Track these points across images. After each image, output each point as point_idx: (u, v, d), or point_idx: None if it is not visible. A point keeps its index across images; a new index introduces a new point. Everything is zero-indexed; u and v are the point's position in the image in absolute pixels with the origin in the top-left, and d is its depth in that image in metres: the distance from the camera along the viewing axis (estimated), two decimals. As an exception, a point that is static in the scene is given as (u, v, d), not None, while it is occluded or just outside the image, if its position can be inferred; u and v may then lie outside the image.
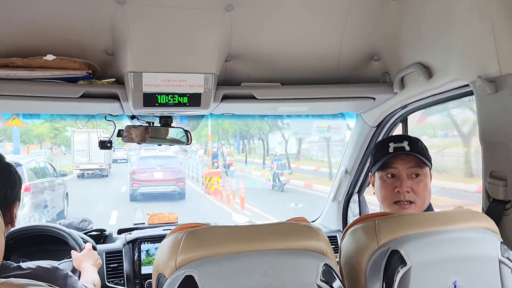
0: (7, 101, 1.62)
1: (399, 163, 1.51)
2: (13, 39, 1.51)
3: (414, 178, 1.51)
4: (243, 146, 29.90)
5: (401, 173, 1.51)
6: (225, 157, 21.72)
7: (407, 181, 1.50)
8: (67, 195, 11.11)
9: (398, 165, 1.51)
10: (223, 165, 20.54)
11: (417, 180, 1.51)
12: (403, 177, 1.50)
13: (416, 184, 1.50)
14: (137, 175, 13.92)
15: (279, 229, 1.07)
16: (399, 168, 1.51)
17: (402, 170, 1.51)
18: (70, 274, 1.46)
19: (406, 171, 1.50)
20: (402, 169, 1.51)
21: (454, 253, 1.12)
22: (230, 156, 21.40)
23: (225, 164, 20.48)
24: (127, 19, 1.45)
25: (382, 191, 1.55)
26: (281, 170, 15.75)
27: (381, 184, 1.56)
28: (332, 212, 2.69)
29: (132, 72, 1.58)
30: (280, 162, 16.31)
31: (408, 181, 1.50)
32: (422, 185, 1.50)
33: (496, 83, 1.28)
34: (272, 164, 16.99)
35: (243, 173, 20.73)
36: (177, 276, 0.95)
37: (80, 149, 18.50)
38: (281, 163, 16.42)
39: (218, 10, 1.48)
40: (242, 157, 27.80)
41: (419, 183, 1.50)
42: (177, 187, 14.03)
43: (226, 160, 20.93)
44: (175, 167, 14.78)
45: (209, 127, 21.40)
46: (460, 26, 1.36)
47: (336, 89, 1.84)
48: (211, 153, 21.29)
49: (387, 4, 1.57)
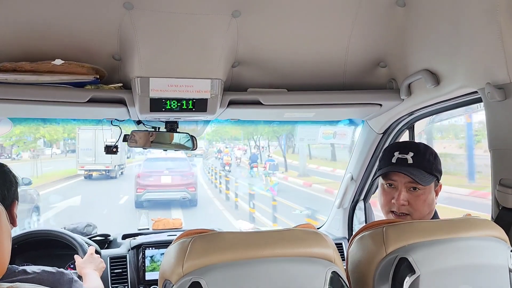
0: (15, 105, 1.62)
1: (399, 176, 1.50)
2: (22, 44, 1.52)
3: (412, 191, 1.49)
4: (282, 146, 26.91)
5: (399, 186, 1.50)
6: (222, 156, 21.13)
7: (405, 194, 1.48)
8: (37, 208, 8.73)
9: (397, 178, 1.50)
10: (220, 164, 19.57)
11: (416, 193, 1.48)
12: (400, 190, 1.49)
13: (414, 198, 1.48)
14: (142, 179, 12.49)
15: (287, 235, 1.06)
16: (398, 180, 1.50)
17: (401, 183, 1.49)
18: (76, 278, 1.46)
19: (405, 185, 1.49)
20: (400, 182, 1.50)
21: (463, 262, 1.11)
22: (227, 156, 20.93)
23: (222, 164, 19.68)
24: (134, 24, 1.46)
25: (381, 198, 1.57)
26: (272, 171, 15.86)
27: (381, 191, 1.57)
28: (338, 219, 2.67)
29: (139, 77, 1.59)
30: (272, 162, 16.56)
31: (406, 193, 1.48)
32: (420, 199, 1.48)
33: (505, 90, 1.27)
34: (265, 165, 17.22)
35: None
36: (184, 283, 0.94)
37: (86, 148, 16.89)
38: (274, 163, 16.60)
39: (225, 16, 1.48)
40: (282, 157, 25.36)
41: (418, 197, 1.48)
42: (187, 193, 12.51)
43: (223, 160, 20.13)
44: (185, 171, 13.23)
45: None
46: (468, 32, 1.36)
47: (342, 95, 1.83)
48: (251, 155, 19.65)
49: (394, 11, 1.57)
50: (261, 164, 19.21)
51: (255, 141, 27.05)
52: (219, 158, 23.82)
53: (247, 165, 19.77)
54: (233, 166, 20.51)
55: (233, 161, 21.25)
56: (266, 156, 23.01)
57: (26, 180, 8.67)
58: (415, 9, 1.53)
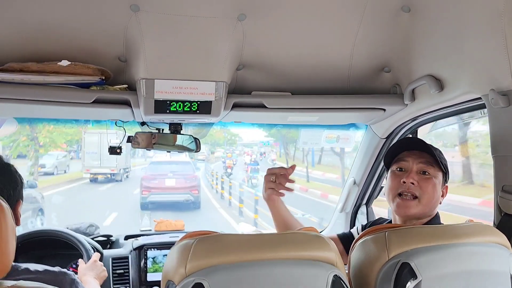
0: (20, 105, 1.64)
1: (411, 157, 1.51)
2: (28, 44, 1.54)
3: (423, 175, 1.49)
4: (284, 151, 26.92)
5: (411, 166, 1.50)
6: (225, 160, 21.86)
7: (415, 175, 1.48)
8: (41, 211, 8.70)
9: (409, 158, 1.51)
10: (223, 167, 20.22)
11: (426, 177, 1.49)
12: (412, 169, 1.49)
13: (424, 180, 1.48)
14: (147, 182, 12.86)
15: (290, 238, 1.06)
16: (410, 161, 1.51)
17: (413, 164, 1.50)
18: (77, 280, 1.46)
19: (417, 166, 1.49)
20: (412, 162, 1.50)
21: (465, 267, 1.11)
22: (229, 160, 21.52)
23: (224, 167, 20.32)
24: (140, 26, 1.47)
25: (389, 183, 1.55)
26: (252, 174, 16.94)
27: (390, 177, 1.56)
28: (340, 223, 2.67)
29: (144, 79, 1.60)
30: (254, 166, 17.73)
31: (417, 175, 1.49)
32: (430, 183, 1.48)
33: (509, 96, 1.27)
34: (247, 168, 18.41)
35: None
36: (187, 284, 0.95)
37: (91, 152, 16.91)
38: (255, 167, 17.59)
39: (231, 19, 1.49)
40: (283, 163, 24.99)
41: (428, 181, 1.48)
42: (190, 195, 12.84)
43: (226, 163, 20.90)
44: (188, 174, 13.62)
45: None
46: (472, 38, 1.36)
47: (346, 99, 1.84)
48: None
49: (399, 16, 1.57)
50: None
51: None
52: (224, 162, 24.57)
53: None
54: (240, 172, 20.76)
55: (242, 167, 21.67)
56: (269, 161, 23.10)
57: (32, 183, 8.81)
58: (420, 15, 1.53)
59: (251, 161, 20.26)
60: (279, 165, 1.81)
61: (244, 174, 18.89)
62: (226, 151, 28.43)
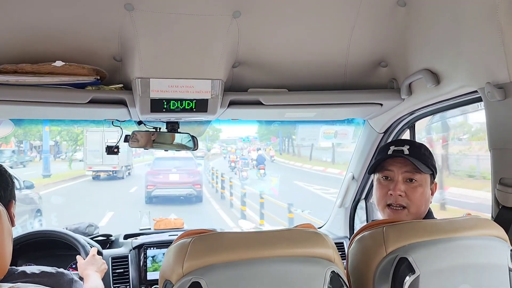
0: (16, 106, 1.63)
1: (395, 166, 1.48)
2: (23, 45, 1.53)
3: (409, 183, 1.47)
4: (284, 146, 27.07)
5: (396, 176, 1.48)
6: (229, 155, 23.35)
7: (401, 185, 1.46)
8: (39, 212, 8.57)
9: (394, 168, 1.48)
10: (228, 161, 21.43)
11: (413, 185, 1.47)
12: (397, 180, 1.47)
13: (411, 190, 1.46)
14: (152, 177, 13.46)
15: (287, 236, 1.06)
16: (395, 170, 1.48)
17: (398, 174, 1.48)
18: (76, 279, 1.46)
19: (402, 175, 1.47)
20: (397, 172, 1.48)
21: (463, 261, 1.11)
22: (233, 155, 22.68)
23: (229, 161, 21.61)
24: (135, 25, 1.46)
25: (377, 193, 1.54)
26: (242, 167, 19.41)
27: (377, 186, 1.54)
28: (339, 218, 2.67)
29: (139, 78, 1.59)
30: (244, 160, 20.09)
31: (403, 185, 1.47)
32: (418, 191, 1.46)
33: (505, 89, 1.27)
34: (238, 162, 20.86)
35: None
36: (184, 283, 0.95)
37: (94, 150, 17.16)
38: (246, 161, 19.99)
39: (226, 17, 1.48)
40: (285, 159, 24.99)
41: (415, 189, 1.46)
42: (193, 189, 13.45)
43: (230, 158, 22.25)
44: (191, 169, 14.19)
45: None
46: (468, 32, 1.35)
47: (343, 95, 1.83)
48: (256, 156, 20.10)
49: (395, 10, 1.57)
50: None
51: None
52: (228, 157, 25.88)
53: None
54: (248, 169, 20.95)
55: (249, 163, 21.83)
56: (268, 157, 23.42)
57: (29, 183, 8.46)
58: (416, 9, 1.53)
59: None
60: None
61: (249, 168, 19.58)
62: (227, 146, 28.93)
